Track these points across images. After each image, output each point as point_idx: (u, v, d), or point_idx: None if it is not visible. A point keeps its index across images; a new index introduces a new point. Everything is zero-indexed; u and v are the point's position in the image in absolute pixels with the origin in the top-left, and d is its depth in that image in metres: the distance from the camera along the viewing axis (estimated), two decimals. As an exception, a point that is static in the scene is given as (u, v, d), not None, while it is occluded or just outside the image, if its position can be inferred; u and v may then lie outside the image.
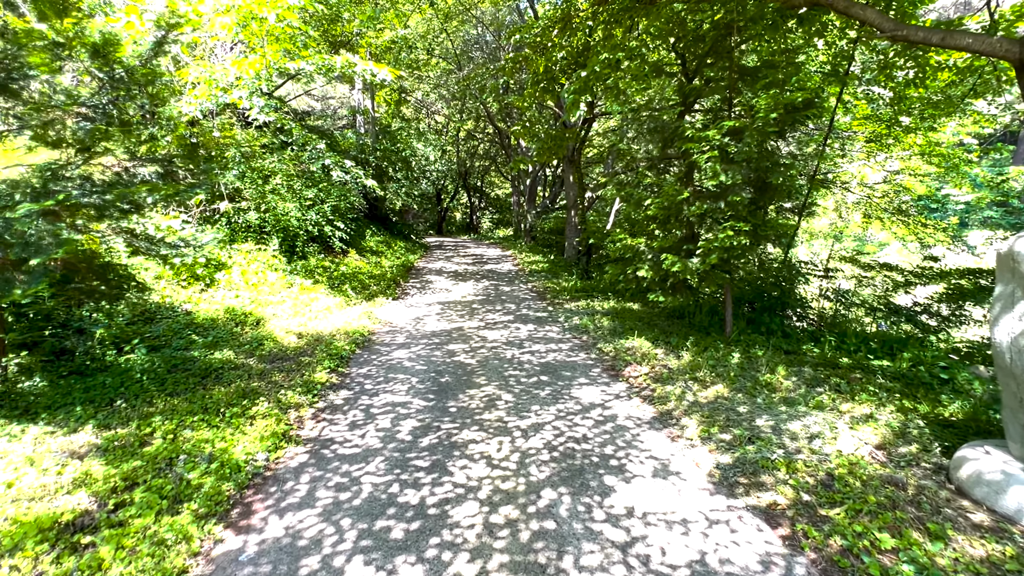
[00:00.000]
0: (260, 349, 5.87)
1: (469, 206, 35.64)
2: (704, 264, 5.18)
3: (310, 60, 7.67)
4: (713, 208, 5.28)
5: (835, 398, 4.31)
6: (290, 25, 6.90)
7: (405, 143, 19.29)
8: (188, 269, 7.43)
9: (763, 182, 5.24)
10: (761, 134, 4.73)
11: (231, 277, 8.00)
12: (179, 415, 3.93)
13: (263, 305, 7.58)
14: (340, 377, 5.21)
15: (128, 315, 6.04)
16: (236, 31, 6.65)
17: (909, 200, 14.34)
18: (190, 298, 6.97)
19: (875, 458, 3.36)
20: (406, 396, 4.68)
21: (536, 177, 22.78)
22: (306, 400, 4.47)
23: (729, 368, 5.17)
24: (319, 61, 7.64)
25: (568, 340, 6.79)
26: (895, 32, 5.53)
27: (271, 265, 9.07)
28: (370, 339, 6.77)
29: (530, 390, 4.85)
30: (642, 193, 6.01)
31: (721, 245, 4.98)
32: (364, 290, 9.84)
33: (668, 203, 5.50)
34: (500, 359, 5.88)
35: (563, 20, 9.19)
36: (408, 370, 5.46)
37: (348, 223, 12.60)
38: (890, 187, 13.92)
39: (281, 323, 6.99)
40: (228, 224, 9.25)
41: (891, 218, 13.93)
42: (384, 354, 6.08)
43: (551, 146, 13.52)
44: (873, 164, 13.98)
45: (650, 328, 6.97)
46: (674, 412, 4.29)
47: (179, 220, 7.90)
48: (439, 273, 12.91)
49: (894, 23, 5.56)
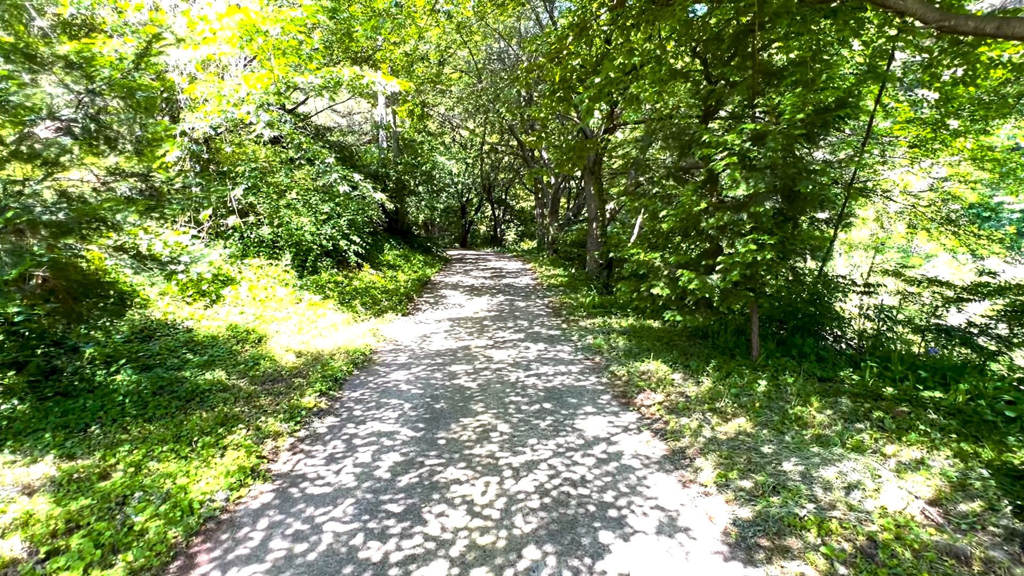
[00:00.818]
0: (255, 369, 5.65)
1: (493, 219, 35.55)
2: (725, 281, 4.68)
3: (318, 73, 7.57)
4: (735, 220, 4.78)
5: (878, 437, 3.73)
6: (295, 39, 6.81)
7: (426, 157, 19.30)
8: (194, 285, 7.36)
9: (791, 191, 4.72)
10: (787, 138, 4.24)
11: (239, 293, 7.90)
12: (150, 444, 3.69)
13: (268, 322, 7.42)
14: (330, 402, 4.92)
15: (127, 332, 5.94)
16: (241, 44, 6.58)
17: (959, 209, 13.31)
18: (193, 315, 6.86)
19: (929, 518, 2.80)
20: (394, 424, 4.33)
21: (559, 189, 22.43)
22: (287, 428, 4.18)
23: (754, 398, 4.63)
24: (327, 74, 7.54)
25: (579, 362, 6.33)
26: (941, 23, 4.96)
27: (282, 280, 8.97)
28: (370, 359, 6.48)
29: (530, 420, 4.43)
30: (658, 204, 5.56)
31: (743, 260, 4.48)
32: (375, 305, 9.63)
33: (685, 215, 5.04)
34: (503, 383, 5.48)
35: (579, 27, 8.89)
36: (403, 394, 5.12)
37: (365, 237, 12.52)
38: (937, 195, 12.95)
39: (283, 341, 6.79)
40: (241, 239, 9.23)
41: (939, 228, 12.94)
42: (381, 376, 5.77)
43: (571, 157, 13.18)
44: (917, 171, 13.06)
45: (669, 349, 6.45)
46: (688, 450, 3.79)
47: (189, 236, 7.88)
48: (455, 288, 12.65)
49: (940, 12, 4.99)
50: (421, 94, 20.13)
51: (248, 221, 9.16)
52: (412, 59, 10.60)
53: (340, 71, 7.46)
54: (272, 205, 9.78)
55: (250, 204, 9.60)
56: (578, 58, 9.52)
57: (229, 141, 9.00)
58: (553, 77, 10.44)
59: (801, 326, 6.71)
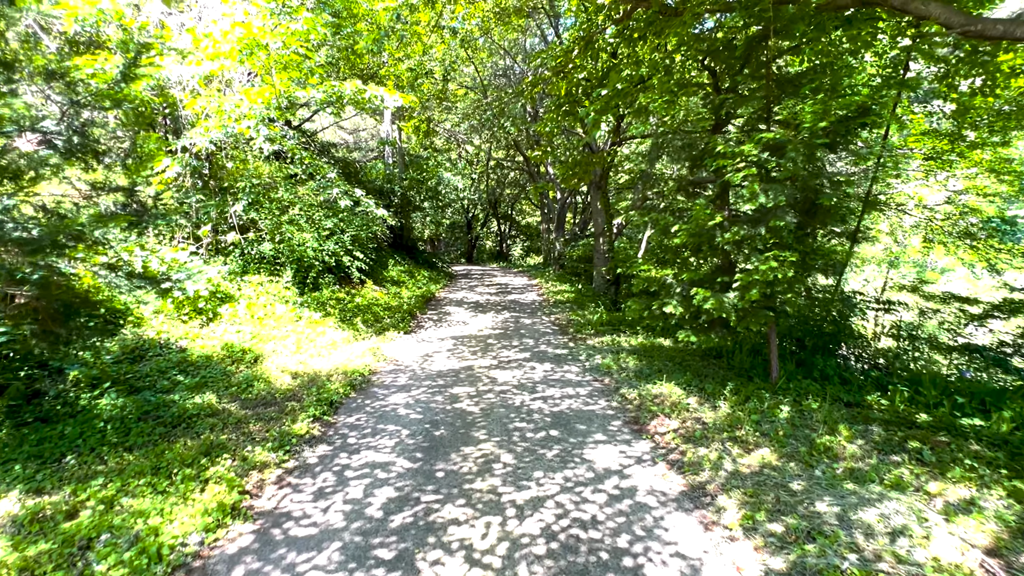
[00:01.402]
0: (247, 392, 5.40)
1: (499, 234, 35.46)
2: (743, 300, 4.39)
3: (320, 88, 7.46)
4: (751, 235, 4.51)
5: (919, 472, 3.39)
6: (296, 52, 6.71)
7: (431, 172, 19.25)
8: (190, 303, 7.16)
9: (812, 204, 4.45)
10: (808, 147, 3.99)
11: (237, 311, 7.69)
12: (126, 476, 3.43)
13: (265, 340, 7.20)
14: (323, 428, 4.64)
15: (116, 353, 5.73)
16: (241, 59, 6.48)
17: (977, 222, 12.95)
18: (187, 334, 6.64)
19: (989, 572, 2.46)
20: (391, 454, 4.04)
21: (564, 204, 22.28)
22: (275, 458, 3.90)
23: (777, 425, 4.30)
24: (328, 88, 7.42)
25: (587, 383, 6.03)
26: (967, 28, 4.73)
27: (282, 297, 8.77)
28: (369, 380, 6.21)
29: (535, 449, 4.13)
30: (668, 218, 5.31)
31: (763, 278, 4.20)
32: (376, 323, 9.39)
33: (698, 229, 4.77)
34: (507, 407, 5.18)
35: (584, 40, 8.76)
36: (401, 420, 4.84)
37: (369, 253, 12.36)
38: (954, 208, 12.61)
39: (280, 360, 6.55)
40: (241, 255, 9.07)
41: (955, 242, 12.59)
42: (380, 399, 5.49)
43: (576, 171, 13.00)
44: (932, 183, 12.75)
45: (682, 370, 6.13)
46: (709, 486, 3.47)
47: (187, 252, 7.72)
48: (459, 304, 12.40)
49: (965, 17, 4.77)
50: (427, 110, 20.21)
51: (248, 237, 8.99)
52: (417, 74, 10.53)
53: (342, 85, 7.35)
54: (274, 221, 9.64)
55: (252, 220, 9.45)
56: (584, 71, 9.39)
57: (231, 157, 8.90)
58: (559, 91, 10.32)
59: (820, 345, 6.38)
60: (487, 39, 18.87)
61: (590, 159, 12.68)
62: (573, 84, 9.61)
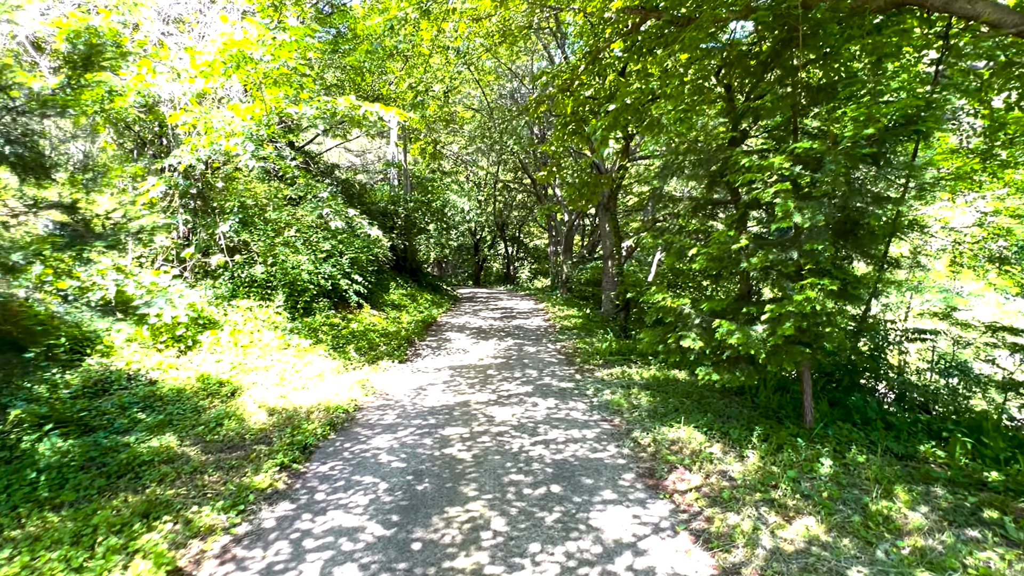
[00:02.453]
0: (214, 432, 4.84)
1: (506, 256, 35.08)
2: (775, 335, 3.79)
3: (313, 104, 7.11)
4: (782, 260, 3.94)
5: (1009, 557, 2.71)
6: (285, 66, 6.37)
7: (437, 194, 18.96)
8: (168, 330, 6.68)
9: (853, 223, 3.88)
10: (849, 159, 3.45)
11: (220, 338, 7.19)
12: (39, 547, 2.86)
13: (247, 371, 6.67)
14: (291, 479, 4.05)
15: (76, 386, 5.22)
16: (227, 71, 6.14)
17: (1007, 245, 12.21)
18: (161, 364, 6.14)
19: None
20: (362, 516, 3.44)
21: (572, 226, 21.84)
22: (224, 521, 3.31)
23: (819, 484, 3.64)
24: (321, 105, 7.07)
25: (595, 424, 5.39)
26: (1022, 27, 4.22)
27: (272, 323, 8.27)
28: (353, 418, 5.63)
29: (533, 511, 3.50)
30: (685, 241, 4.75)
31: (799, 309, 3.60)
32: (371, 351, 8.84)
33: (720, 253, 4.21)
34: (503, 453, 4.56)
35: (592, 55, 8.38)
36: (381, 469, 4.23)
37: (368, 276, 11.91)
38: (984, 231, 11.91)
39: (259, 394, 6.00)
40: (231, 279, 8.63)
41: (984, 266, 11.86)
42: (361, 441, 4.90)
43: (584, 193, 12.56)
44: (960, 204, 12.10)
45: (701, 409, 5.48)
46: (744, 569, 2.81)
47: (170, 276, 7.28)
48: (461, 330, 11.84)
49: (1020, 15, 4.26)
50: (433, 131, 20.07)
51: (236, 260, 8.56)
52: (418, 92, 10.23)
53: (335, 101, 6.99)
54: (267, 243, 9.23)
55: (243, 241, 9.05)
56: (590, 88, 9.01)
57: (221, 176, 8.55)
58: (565, 109, 9.94)
59: (854, 382, 5.70)
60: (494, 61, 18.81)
61: (598, 180, 12.24)
62: (580, 102, 9.22)
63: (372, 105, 7.07)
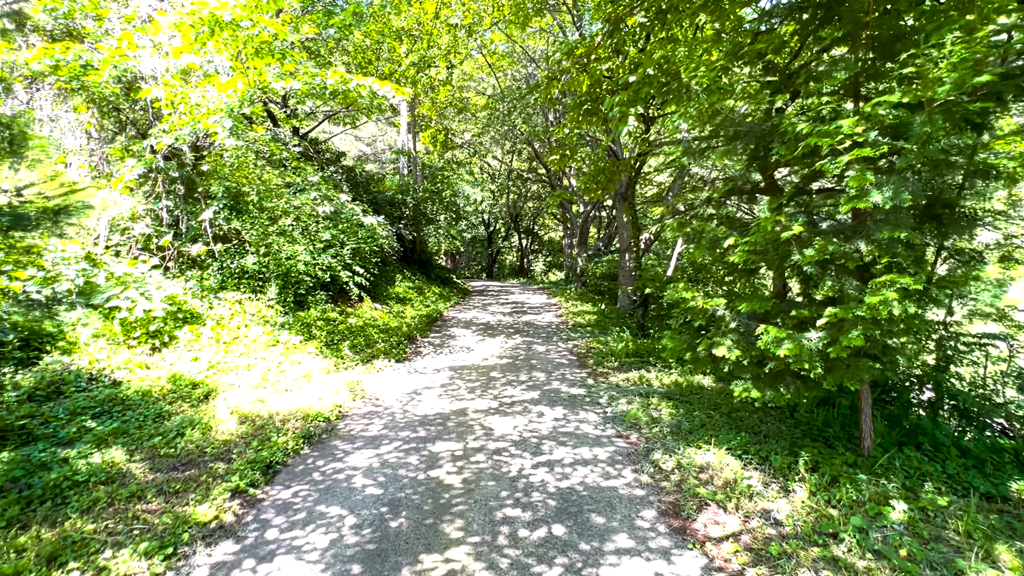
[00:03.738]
0: (171, 445, 4.24)
1: (520, 249, 34.32)
2: (837, 346, 3.01)
3: (301, 78, 6.44)
4: (844, 252, 3.14)
5: None
6: (266, 32, 5.71)
7: (447, 184, 18.27)
8: (142, 325, 6.13)
9: (945, 206, 3.06)
10: (947, 118, 2.63)
11: (202, 333, 6.63)
12: (-99, 606, 2.26)
13: (226, 371, 6.10)
14: (243, 508, 3.41)
15: (27, 388, 4.68)
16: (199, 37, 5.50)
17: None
18: (129, 362, 5.58)
19: None
20: (315, 566, 2.78)
21: (588, 217, 20.96)
22: (145, 570, 2.68)
23: (893, 537, 2.86)
24: (309, 79, 6.40)
25: (608, 441, 4.66)
26: None
27: (262, 317, 7.70)
28: (334, 428, 4.99)
29: (528, 565, 2.80)
30: (719, 230, 3.96)
31: (871, 315, 2.81)
32: (367, 348, 8.23)
33: (765, 242, 3.42)
34: (499, 478, 3.87)
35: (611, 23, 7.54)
36: (353, 496, 3.58)
37: (371, 267, 11.31)
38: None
39: (236, 397, 5.42)
40: (220, 269, 8.07)
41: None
42: (337, 458, 4.25)
43: (600, 181, 11.74)
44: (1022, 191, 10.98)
45: (732, 425, 4.71)
46: (809, 671, 2.07)
47: (147, 266, 6.73)
48: (468, 325, 11.17)
49: None
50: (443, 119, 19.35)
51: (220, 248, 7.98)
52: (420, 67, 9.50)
53: (323, 74, 6.31)
54: (261, 231, 8.65)
55: (235, 230, 8.49)
56: (609, 62, 8.17)
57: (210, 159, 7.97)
58: (579, 87, 9.13)
59: (918, 398, 4.87)
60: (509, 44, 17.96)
61: (615, 167, 11.39)
62: (596, 79, 8.40)
63: (364, 79, 6.37)
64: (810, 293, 4.21)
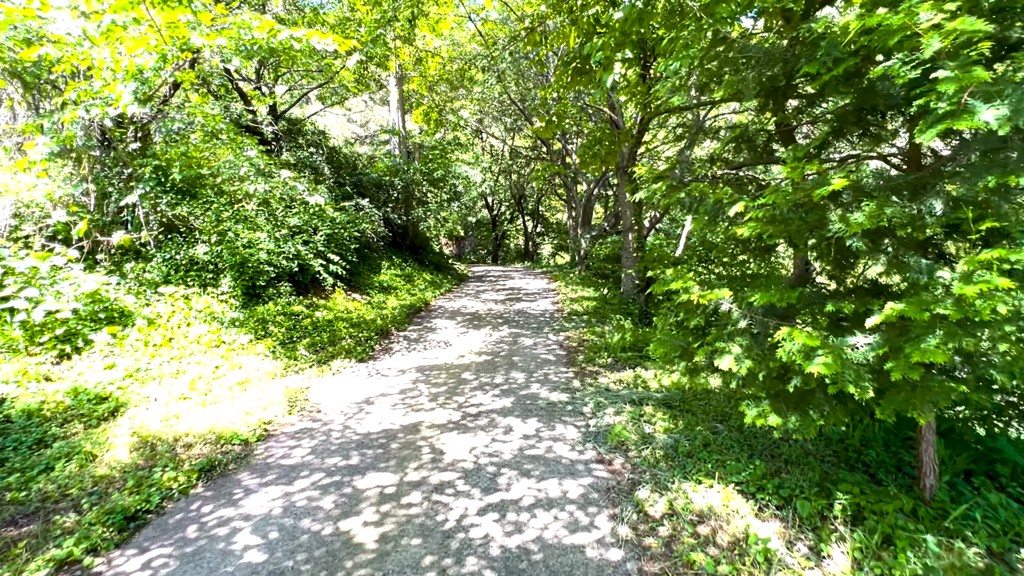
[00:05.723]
0: (28, 485, 3.37)
1: (525, 232, 33.17)
2: (902, 361, 1.95)
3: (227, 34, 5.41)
4: (906, 217, 2.07)
5: None
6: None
7: (439, 164, 17.18)
8: (54, 326, 5.27)
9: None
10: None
11: (129, 335, 5.77)
12: None
13: (147, 380, 5.23)
14: (64, 590, 2.52)
15: None
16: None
17: None
18: (24, 373, 4.74)
19: None
20: None
21: (592, 196, 19.73)
22: None
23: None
24: (235, 33, 5.36)
25: (585, 469, 3.68)
26: None
27: (210, 314, 6.82)
28: (249, 453, 4.07)
29: None
30: (721, 192, 2.88)
31: (964, 314, 1.75)
32: (331, 346, 7.32)
33: (787, 206, 2.36)
34: (429, 532, 2.92)
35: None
36: (223, 567, 2.65)
37: (350, 255, 10.38)
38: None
39: (146, 414, 4.56)
40: (166, 261, 7.19)
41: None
42: (232, 501, 3.34)
43: (598, 152, 10.58)
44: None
45: (743, 445, 3.69)
46: None
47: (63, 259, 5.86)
48: (453, 316, 10.21)
49: None
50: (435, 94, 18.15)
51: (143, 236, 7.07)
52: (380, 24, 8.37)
53: (248, 24, 5.27)
54: (213, 217, 7.74)
55: (180, 216, 7.57)
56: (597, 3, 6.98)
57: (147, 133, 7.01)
58: (567, 41, 7.96)
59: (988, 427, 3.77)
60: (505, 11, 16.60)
61: (614, 137, 10.22)
62: (586, 31, 7.21)
63: (297, 31, 5.32)
64: (844, 277, 3.13)
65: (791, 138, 3.50)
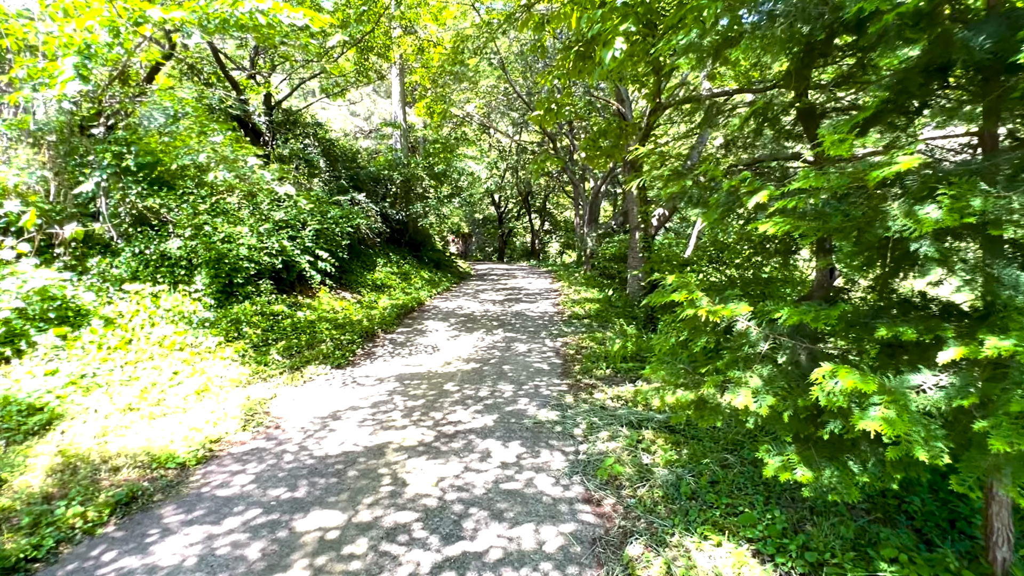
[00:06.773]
0: (-92, 519, 2.86)
1: (531, 229, 32.55)
2: (1004, 417, 1.34)
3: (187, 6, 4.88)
4: (1005, 211, 1.45)
5: None
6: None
7: (441, 158, 16.62)
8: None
9: None
10: None
11: (80, 336, 5.29)
12: None
13: (92, 388, 4.73)
14: None
15: None
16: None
17: None
18: (-50, 381, 4.26)
19: None
20: None
21: (599, 192, 19.06)
22: None
23: None
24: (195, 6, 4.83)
25: (569, 511, 3.09)
26: None
27: (179, 313, 6.33)
28: (183, 480, 3.54)
29: None
30: (737, 179, 2.27)
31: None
32: (308, 349, 6.80)
33: (830, 194, 1.74)
34: (368, 596, 2.35)
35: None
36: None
37: (341, 251, 9.88)
38: None
39: (83, 428, 4.06)
40: (137, 256, 6.71)
41: None
42: (141, 547, 2.79)
43: (603, 146, 9.96)
44: None
45: (759, 494, 3.08)
46: None
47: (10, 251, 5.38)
48: (446, 318, 9.65)
49: None
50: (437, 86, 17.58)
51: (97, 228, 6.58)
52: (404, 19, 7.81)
53: (207, -7, 4.74)
54: (189, 210, 7.25)
55: (152, 208, 7.08)
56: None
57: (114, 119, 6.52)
58: (569, 22, 7.34)
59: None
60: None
61: (621, 129, 9.59)
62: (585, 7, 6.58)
63: (263, 2, 4.77)
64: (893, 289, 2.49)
65: (814, 122, 2.86)
